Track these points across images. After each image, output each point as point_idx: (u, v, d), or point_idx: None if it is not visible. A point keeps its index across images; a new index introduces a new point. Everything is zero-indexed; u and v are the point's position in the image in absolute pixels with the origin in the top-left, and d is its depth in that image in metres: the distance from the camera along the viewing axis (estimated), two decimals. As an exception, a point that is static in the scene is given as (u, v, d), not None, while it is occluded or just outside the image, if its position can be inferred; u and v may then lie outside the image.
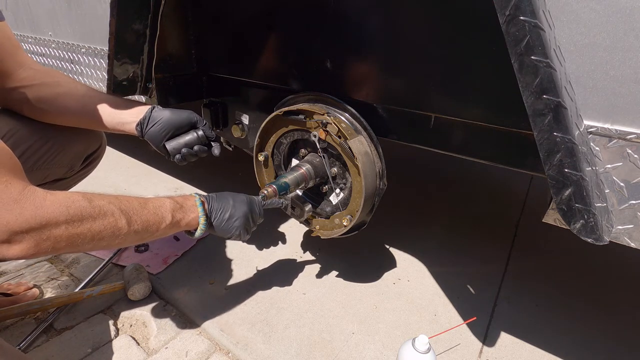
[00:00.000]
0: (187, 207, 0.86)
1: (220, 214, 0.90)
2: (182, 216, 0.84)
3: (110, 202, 0.71)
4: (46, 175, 1.02)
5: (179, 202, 0.85)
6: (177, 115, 1.02)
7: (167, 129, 1.02)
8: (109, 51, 1.07)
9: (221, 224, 0.90)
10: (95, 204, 0.68)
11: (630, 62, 0.57)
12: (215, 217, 0.90)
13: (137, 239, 0.77)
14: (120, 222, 0.71)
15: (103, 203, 0.70)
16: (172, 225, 0.82)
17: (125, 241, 0.74)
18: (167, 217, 0.80)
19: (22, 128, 0.95)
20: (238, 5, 1.11)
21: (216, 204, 0.91)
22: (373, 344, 1.06)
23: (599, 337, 1.13)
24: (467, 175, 2.28)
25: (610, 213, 0.65)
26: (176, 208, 0.83)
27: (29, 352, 0.99)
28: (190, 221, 0.86)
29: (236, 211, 0.92)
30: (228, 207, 0.91)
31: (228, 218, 0.91)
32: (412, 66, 0.88)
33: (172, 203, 0.84)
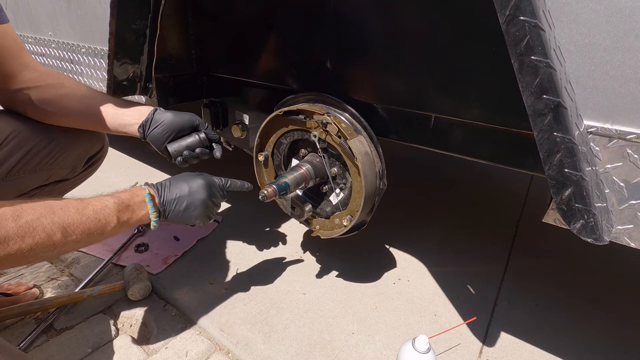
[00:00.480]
0: (135, 204, 0.80)
1: (175, 206, 0.84)
2: (129, 215, 0.79)
3: (41, 215, 0.66)
4: (49, 176, 1.02)
5: (125, 201, 0.79)
6: (179, 118, 1.02)
7: (169, 131, 1.01)
8: (109, 51, 1.07)
9: (177, 215, 0.85)
10: (23, 221, 0.63)
11: (630, 62, 0.57)
12: (170, 210, 0.84)
13: (81, 246, 0.74)
14: (55, 237, 0.66)
15: (32, 218, 0.64)
16: (120, 227, 0.77)
17: (67, 250, 0.71)
18: (111, 220, 0.75)
19: (25, 129, 0.95)
20: (238, 5, 1.11)
21: (169, 195, 0.84)
22: (373, 344, 1.06)
23: (599, 337, 1.13)
24: (467, 175, 2.28)
25: (610, 213, 0.65)
26: (122, 208, 0.78)
27: (29, 352, 0.99)
28: (140, 218, 0.81)
29: (193, 200, 0.86)
30: (183, 197, 0.85)
31: (184, 209, 0.85)
32: (412, 66, 0.88)
33: (117, 203, 0.77)
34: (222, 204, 0.97)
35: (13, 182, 0.94)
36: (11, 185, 0.94)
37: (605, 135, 0.62)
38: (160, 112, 1.02)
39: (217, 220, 1.60)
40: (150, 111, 1.01)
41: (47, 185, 1.04)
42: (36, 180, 1.00)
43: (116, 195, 0.80)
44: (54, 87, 0.97)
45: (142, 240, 1.43)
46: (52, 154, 1.00)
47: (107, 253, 1.35)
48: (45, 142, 0.98)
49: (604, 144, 0.63)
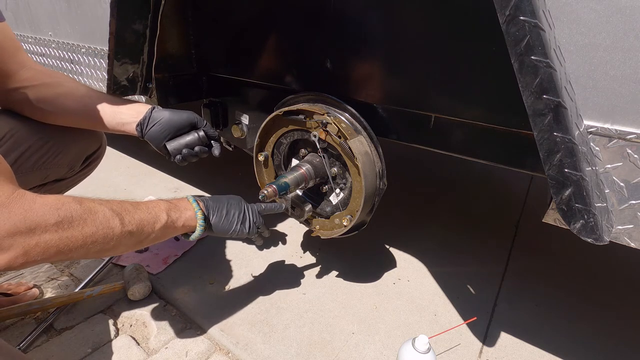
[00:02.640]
0: (182, 206, 0.85)
1: (218, 211, 0.90)
2: (178, 215, 0.82)
3: (100, 203, 0.69)
4: (46, 175, 1.02)
5: (174, 203, 0.84)
6: (177, 116, 1.02)
7: (168, 129, 1.01)
8: (109, 51, 1.07)
9: (220, 220, 0.90)
10: (86, 205, 0.66)
11: (630, 62, 0.57)
12: (213, 214, 0.89)
13: (133, 242, 0.74)
14: (113, 222, 0.68)
15: (94, 204, 0.67)
16: (168, 226, 0.80)
17: (120, 244, 0.71)
18: (161, 216, 0.78)
19: (22, 128, 0.95)
20: (238, 5, 1.11)
21: (212, 203, 0.91)
22: (373, 344, 1.06)
23: (599, 337, 1.13)
24: (467, 175, 2.28)
25: (610, 213, 0.65)
26: (171, 207, 0.82)
27: (29, 352, 0.99)
28: (187, 220, 0.84)
29: (232, 207, 0.92)
30: (224, 205, 0.92)
31: (226, 214, 0.90)
32: (412, 66, 0.88)
33: (166, 203, 0.82)
34: None
35: None
36: None
37: (605, 135, 0.62)
38: (158, 110, 1.02)
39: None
40: (148, 109, 1.01)
41: (45, 185, 1.04)
42: (34, 179, 1.00)
43: (166, 199, 0.86)
44: (50, 85, 0.97)
45: (142, 240, 1.43)
46: (49, 153, 1.00)
47: (107, 253, 1.35)
48: (42, 141, 0.98)
49: (604, 144, 0.63)
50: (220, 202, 0.92)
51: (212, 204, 0.90)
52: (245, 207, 0.95)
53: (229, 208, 0.92)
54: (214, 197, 0.94)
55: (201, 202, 0.89)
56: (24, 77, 0.95)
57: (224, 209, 0.91)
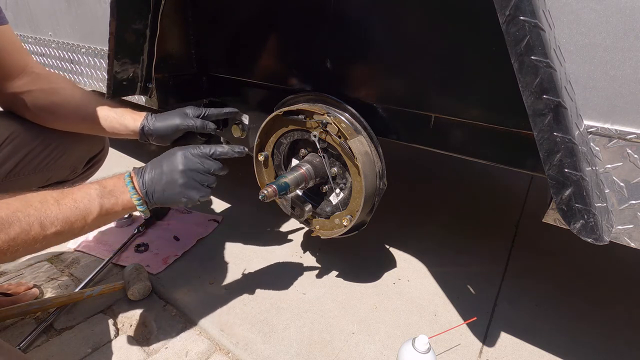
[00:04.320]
0: (118, 189, 0.77)
1: (156, 185, 0.79)
2: (113, 201, 0.75)
3: (17, 209, 0.63)
4: (49, 177, 1.02)
5: (108, 187, 0.76)
6: (165, 129, 1.00)
7: (165, 141, 1.03)
8: (109, 51, 1.07)
9: (162, 195, 0.79)
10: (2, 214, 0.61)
11: (630, 62, 0.57)
12: (152, 192, 0.79)
13: (64, 238, 0.70)
14: (32, 231, 0.64)
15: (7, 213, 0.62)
16: (105, 214, 0.74)
17: (49, 244, 0.68)
18: (92, 208, 0.71)
19: (25, 131, 0.96)
20: (238, 5, 1.11)
21: (147, 175, 0.80)
22: (373, 344, 1.06)
23: (599, 337, 1.13)
24: (467, 175, 2.28)
25: (610, 213, 0.65)
26: (104, 194, 0.74)
27: (29, 352, 0.99)
28: (125, 203, 0.77)
29: (171, 174, 0.80)
30: (160, 174, 0.80)
31: (165, 186, 0.79)
32: (412, 66, 0.88)
33: (99, 189, 0.74)
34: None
35: (13, 183, 0.94)
36: (11, 186, 0.94)
37: (605, 135, 0.62)
38: (151, 121, 1.01)
39: (217, 220, 1.60)
40: (141, 122, 1.01)
41: (47, 187, 1.04)
42: (36, 181, 1.00)
43: (101, 181, 0.77)
44: (46, 92, 0.97)
45: (142, 240, 1.44)
46: (52, 155, 1.00)
47: (107, 253, 1.35)
48: (45, 143, 0.98)
49: (604, 144, 0.63)
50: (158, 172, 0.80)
51: (149, 177, 0.80)
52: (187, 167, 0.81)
53: (169, 177, 0.80)
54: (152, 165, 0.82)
55: (137, 178, 0.80)
56: (22, 83, 0.95)
57: (162, 180, 0.79)
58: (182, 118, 1.00)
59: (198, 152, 0.83)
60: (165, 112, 1.03)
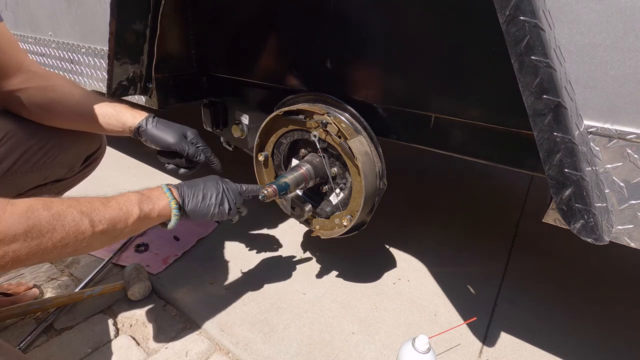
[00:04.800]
0: (155, 197, 0.83)
1: (194, 197, 0.88)
2: (151, 207, 0.80)
3: (70, 205, 0.68)
4: (46, 175, 1.02)
5: (146, 194, 0.82)
6: (158, 140, 1.02)
7: (153, 145, 1.04)
8: (109, 51, 1.07)
9: (197, 205, 0.87)
10: (54, 210, 0.65)
11: (630, 62, 0.57)
12: (189, 201, 0.87)
13: (107, 239, 0.74)
14: (83, 225, 0.67)
15: (62, 208, 0.66)
16: (143, 218, 0.79)
17: (94, 243, 0.71)
18: (134, 211, 0.77)
19: (22, 129, 0.95)
20: (238, 5, 1.11)
21: (186, 189, 0.88)
22: (373, 344, 1.06)
23: (599, 337, 1.13)
24: (467, 175, 2.28)
25: (610, 213, 0.65)
26: (143, 200, 0.80)
27: (29, 352, 0.99)
28: (161, 210, 0.82)
29: (208, 190, 0.90)
30: (200, 189, 0.89)
31: (202, 198, 0.88)
32: (412, 66, 0.88)
33: (138, 196, 0.80)
34: None
35: (10, 181, 0.94)
36: (8, 185, 0.94)
37: (605, 135, 0.62)
38: (149, 125, 1.01)
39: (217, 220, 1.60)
40: (140, 122, 1.01)
41: (45, 185, 1.04)
42: (34, 179, 1.00)
43: (140, 190, 0.83)
44: (44, 89, 0.96)
45: (142, 240, 1.43)
46: (49, 153, 1.00)
47: (107, 253, 1.35)
48: (42, 142, 0.98)
49: (604, 144, 0.63)
50: (196, 187, 0.89)
51: (187, 190, 0.88)
52: (223, 188, 0.92)
53: (206, 191, 0.89)
54: (189, 182, 0.91)
55: (175, 189, 0.87)
56: (18, 80, 0.95)
57: (200, 194, 0.88)
58: (179, 139, 1.03)
59: (233, 186, 0.95)
60: (166, 122, 1.04)
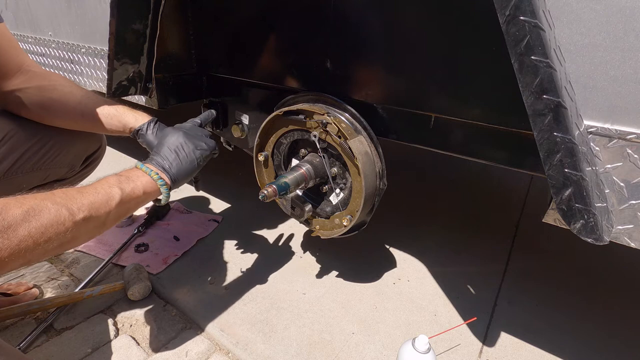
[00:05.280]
0: (134, 175, 0.80)
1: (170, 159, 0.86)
2: (132, 185, 0.78)
3: (43, 198, 0.65)
4: (46, 175, 1.02)
5: (124, 175, 0.80)
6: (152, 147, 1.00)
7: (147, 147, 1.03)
8: (109, 51, 1.07)
9: (180, 165, 0.86)
10: (27, 206, 0.62)
11: (630, 62, 0.57)
12: (170, 166, 0.85)
13: (93, 226, 0.70)
14: (61, 216, 0.64)
15: (36, 202, 0.63)
16: (128, 199, 0.76)
17: (80, 233, 0.68)
18: (114, 192, 0.73)
19: (21, 130, 0.95)
20: (238, 5, 1.11)
21: (158, 157, 0.86)
22: (373, 344, 1.06)
23: (599, 337, 1.13)
24: (467, 175, 2.28)
25: (610, 213, 0.65)
26: (121, 180, 0.77)
27: (29, 352, 0.99)
28: (145, 186, 0.80)
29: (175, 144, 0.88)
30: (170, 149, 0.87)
31: (177, 155, 0.86)
32: (412, 66, 0.88)
33: (116, 177, 0.78)
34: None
35: (10, 181, 0.94)
36: (8, 185, 0.94)
37: (605, 135, 0.62)
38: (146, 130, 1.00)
39: (217, 220, 1.60)
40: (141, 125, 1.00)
41: (45, 185, 1.05)
42: (34, 179, 1.00)
43: (117, 173, 0.81)
44: (44, 89, 0.96)
45: (142, 240, 1.44)
46: (49, 153, 1.00)
47: (107, 253, 1.35)
48: (42, 142, 0.98)
49: (604, 144, 0.63)
50: (164, 150, 0.87)
51: (159, 158, 0.86)
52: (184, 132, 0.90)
53: (175, 147, 0.87)
54: (154, 151, 0.89)
55: (150, 163, 0.85)
56: (19, 80, 0.95)
57: (172, 153, 0.87)
58: None
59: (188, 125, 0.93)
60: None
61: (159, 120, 1.04)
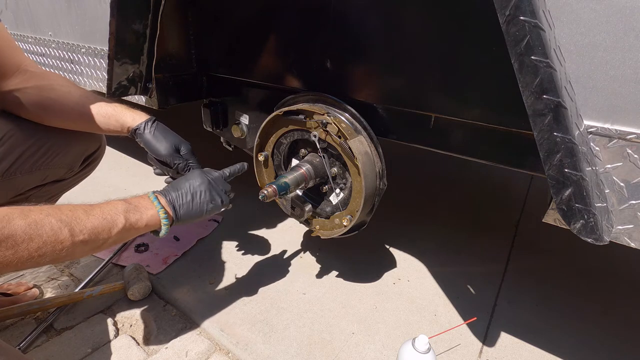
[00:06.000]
0: (143, 206, 0.80)
1: (183, 201, 0.86)
2: (138, 217, 0.78)
3: (49, 214, 0.65)
4: (45, 176, 1.02)
5: (133, 203, 0.80)
6: (151, 147, 1.02)
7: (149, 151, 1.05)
8: (109, 51, 1.07)
9: (189, 208, 0.86)
10: (31, 219, 0.63)
11: (630, 62, 0.57)
12: (179, 206, 0.85)
13: (89, 249, 0.71)
14: (62, 235, 0.65)
15: (40, 217, 0.64)
16: (129, 229, 0.77)
17: (74, 253, 0.69)
18: (118, 221, 0.74)
19: (20, 130, 0.95)
20: (238, 5, 1.11)
21: (174, 194, 0.86)
22: (373, 344, 1.06)
23: (599, 337, 1.13)
24: (467, 175, 2.28)
25: (610, 213, 0.65)
26: (129, 209, 0.78)
27: (28, 352, 0.99)
28: (149, 220, 0.80)
29: (196, 189, 0.88)
30: (187, 189, 0.87)
31: (192, 199, 0.87)
32: (412, 66, 0.88)
33: (125, 205, 0.78)
34: None
35: (9, 182, 0.94)
36: (7, 185, 0.94)
37: (605, 135, 0.62)
38: (145, 130, 1.01)
39: (217, 220, 1.60)
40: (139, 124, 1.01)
41: (44, 185, 1.04)
42: (33, 180, 1.00)
43: (127, 199, 0.81)
44: (42, 89, 0.96)
45: (142, 240, 1.44)
46: (48, 154, 0.99)
47: (107, 253, 1.35)
48: (41, 142, 0.98)
49: (604, 144, 0.63)
50: (183, 189, 0.87)
51: (175, 195, 0.86)
52: (209, 180, 0.90)
53: (194, 191, 0.87)
54: (174, 184, 0.89)
55: (162, 197, 0.85)
56: (17, 80, 0.95)
57: (188, 195, 0.87)
58: (171, 152, 1.03)
59: (216, 174, 0.94)
60: (164, 130, 1.04)
61: (156, 119, 1.04)
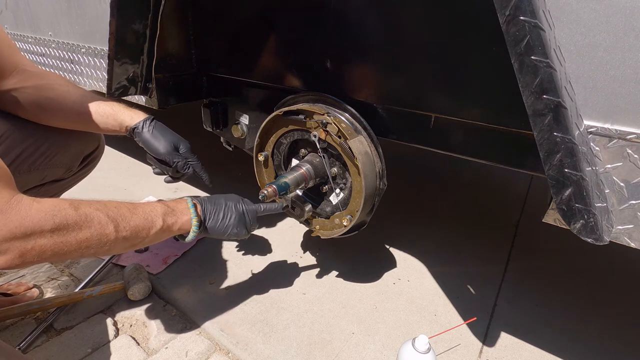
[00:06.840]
0: (179, 210, 0.85)
1: (215, 214, 0.91)
2: (174, 220, 0.83)
3: (97, 209, 0.70)
4: (44, 176, 1.02)
5: (171, 206, 0.84)
6: (149, 145, 1.04)
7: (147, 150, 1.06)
8: (109, 51, 1.07)
9: (216, 224, 0.90)
10: (82, 211, 0.67)
11: (630, 62, 0.57)
12: (210, 218, 0.90)
13: (127, 246, 0.76)
14: (107, 229, 0.69)
15: (90, 210, 0.68)
16: (164, 230, 0.81)
17: (114, 248, 0.73)
18: (157, 222, 0.79)
19: (17, 130, 0.95)
20: (238, 5, 1.11)
21: (209, 206, 0.91)
22: (373, 344, 1.06)
23: (599, 337, 1.13)
24: (467, 175, 2.28)
25: (610, 213, 0.65)
26: (167, 212, 0.82)
27: (28, 352, 0.99)
28: (182, 224, 0.85)
29: (229, 210, 0.93)
30: (221, 208, 0.92)
31: (222, 217, 0.91)
32: (412, 66, 0.88)
33: (164, 207, 0.83)
34: None
35: None
36: None
37: (605, 135, 0.62)
38: (144, 130, 1.02)
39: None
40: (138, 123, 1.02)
41: (43, 185, 1.04)
42: (31, 180, 0.99)
43: (164, 201, 0.86)
44: (40, 88, 0.96)
45: (142, 240, 1.43)
46: (46, 153, 0.99)
47: (107, 253, 1.35)
48: (39, 142, 0.98)
49: (604, 144, 0.63)
50: (218, 205, 0.92)
51: (210, 208, 0.91)
52: (243, 209, 0.95)
53: (226, 211, 0.92)
54: (212, 198, 0.94)
55: (199, 205, 0.89)
56: (15, 80, 0.95)
57: (221, 213, 0.91)
58: (169, 150, 1.04)
59: (252, 207, 0.97)
60: (163, 129, 1.05)
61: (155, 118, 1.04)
